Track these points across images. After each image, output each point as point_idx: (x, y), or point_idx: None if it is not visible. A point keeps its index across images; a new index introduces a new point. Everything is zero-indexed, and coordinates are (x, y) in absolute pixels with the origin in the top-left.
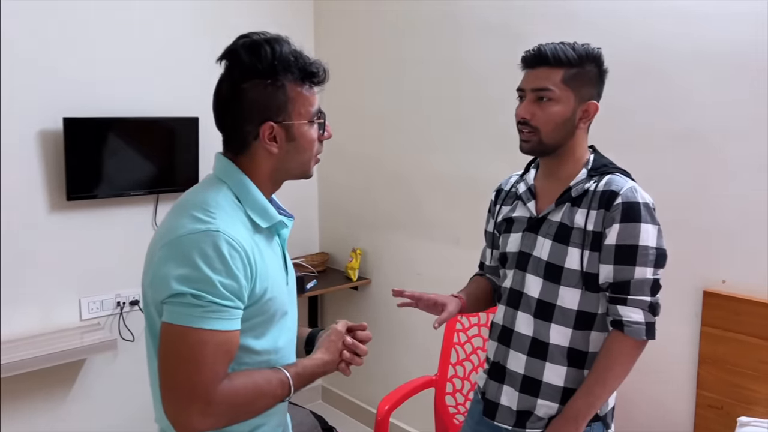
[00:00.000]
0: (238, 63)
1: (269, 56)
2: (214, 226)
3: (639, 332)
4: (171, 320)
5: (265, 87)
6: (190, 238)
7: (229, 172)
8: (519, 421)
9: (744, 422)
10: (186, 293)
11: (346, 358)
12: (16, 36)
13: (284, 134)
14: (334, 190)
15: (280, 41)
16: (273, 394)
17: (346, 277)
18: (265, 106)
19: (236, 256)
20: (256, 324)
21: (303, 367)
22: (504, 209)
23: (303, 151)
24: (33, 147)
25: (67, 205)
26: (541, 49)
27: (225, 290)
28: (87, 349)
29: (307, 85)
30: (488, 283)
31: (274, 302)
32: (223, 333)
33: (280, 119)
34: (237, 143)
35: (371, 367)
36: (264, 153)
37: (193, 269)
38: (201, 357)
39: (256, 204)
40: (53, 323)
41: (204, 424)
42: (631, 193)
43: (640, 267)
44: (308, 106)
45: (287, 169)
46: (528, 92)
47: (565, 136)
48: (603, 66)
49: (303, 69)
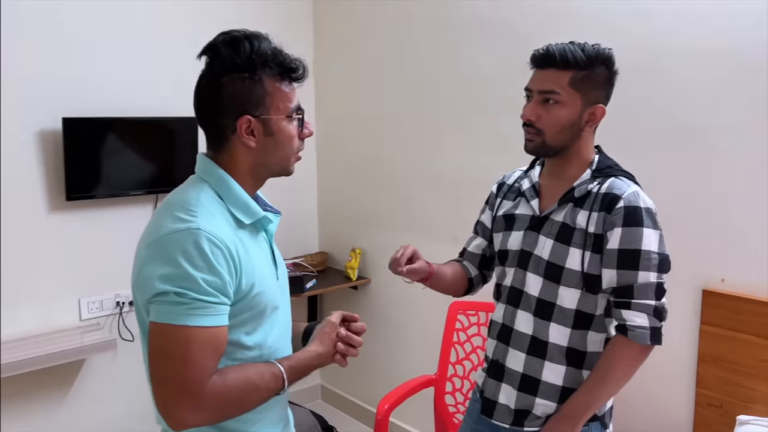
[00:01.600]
0: (217, 58)
1: (248, 51)
2: (194, 225)
3: (643, 337)
4: (157, 319)
5: (243, 81)
6: (172, 237)
7: (209, 170)
8: (517, 420)
9: (743, 421)
10: (169, 291)
11: (341, 349)
12: (15, 36)
13: (262, 128)
14: (333, 189)
15: (260, 37)
16: (266, 388)
17: (346, 277)
18: (242, 99)
19: (218, 253)
20: (247, 319)
21: (297, 360)
22: (505, 204)
23: (282, 146)
24: (32, 147)
25: (66, 205)
26: (549, 49)
27: (208, 287)
28: (86, 349)
29: (286, 80)
30: (462, 269)
31: (263, 297)
32: (210, 329)
33: (257, 113)
34: (216, 138)
35: (371, 367)
36: (243, 148)
37: (175, 268)
38: (188, 353)
39: (238, 200)
40: (53, 323)
41: (196, 419)
42: (633, 198)
43: (644, 271)
44: (286, 101)
45: (267, 164)
46: (535, 93)
47: (570, 138)
48: (614, 68)
49: (282, 64)
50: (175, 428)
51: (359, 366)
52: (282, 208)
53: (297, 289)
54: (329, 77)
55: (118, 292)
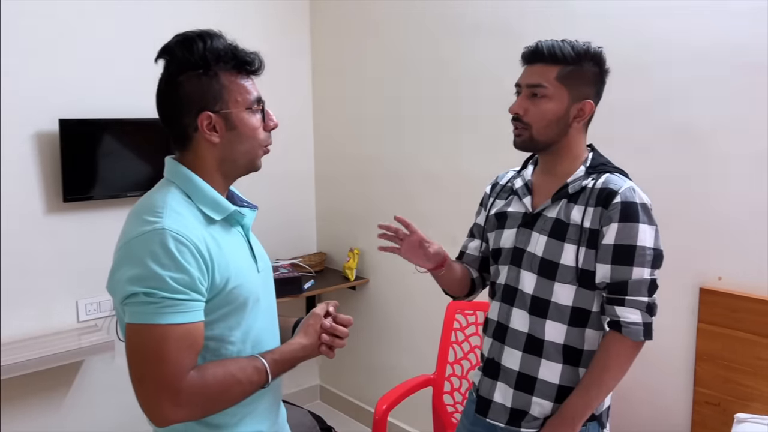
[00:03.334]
0: (172, 58)
1: (201, 48)
2: (159, 225)
3: (637, 333)
4: (131, 320)
5: (198, 78)
6: (139, 239)
7: (174, 171)
8: (513, 420)
9: (741, 419)
10: (138, 293)
11: (326, 340)
12: (11, 37)
13: (223, 123)
14: (331, 189)
15: (212, 35)
16: (249, 382)
17: (344, 277)
18: (200, 96)
19: (185, 250)
20: (227, 313)
21: (281, 353)
22: (498, 203)
23: (246, 139)
24: (29, 149)
25: (63, 206)
26: (538, 45)
27: (176, 284)
28: (84, 351)
29: (242, 74)
30: (467, 271)
31: (242, 290)
32: (182, 326)
33: (216, 108)
34: (180, 138)
35: (369, 367)
36: (206, 145)
37: (142, 269)
38: (163, 351)
39: (205, 198)
40: (50, 325)
41: (177, 414)
42: (630, 193)
43: (638, 267)
44: (245, 93)
45: (233, 159)
46: (523, 88)
47: (557, 133)
48: (604, 66)
49: (236, 57)
50: (158, 425)
51: (357, 366)
52: (280, 209)
53: (295, 290)
54: (327, 76)
55: None
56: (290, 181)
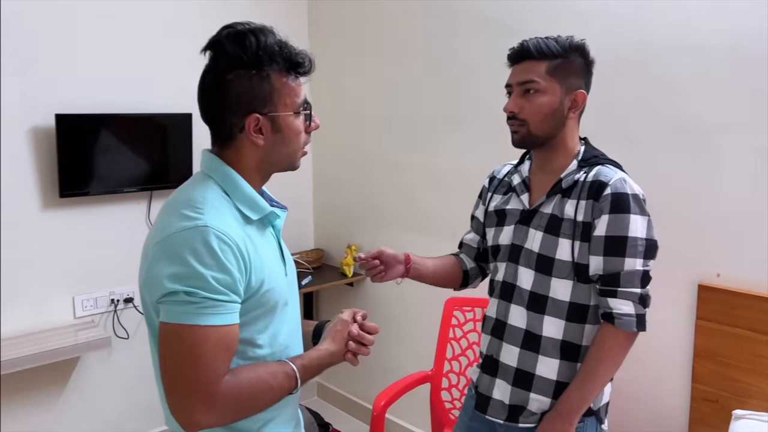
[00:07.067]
0: (222, 54)
1: (254, 46)
2: (202, 222)
3: (630, 324)
4: (167, 319)
5: (249, 78)
6: (180, 235)
7: (214, 166)
8: (511, 416)
9: (739, 415)
10: (179, 291)
11: (352, 348)
12: (8, 32)
13: (270, 126)
14: (329, 186)
15: (265, 31)
16: (279, 387)
17: (342, 274)
18: (250, 97)
19: (227, 250)
20: (257, 316)
21: (309, 359)
22: (496, 198)
23: (289, 142)
24: (25, 144)
25: (60, 202)
26: (524, 44)
27: (218, 285)
28: (81, 347)
29: (292, 75)
30: (455, 261)
31: (273, 293)
32: (221, 328)
33: (265, 111)
34: (223, 136)
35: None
36: (250, 145)
37: (184, 266)
38: (200, 354)
39: (244, 196)
40: (47, 321)
41: (210, 420)
42: (620, 184)
43: (630, 258)
44: (294, 96)
45: (274, 161)
46: (515, 86)
47: (554, 126)
48: (589, 57)
49: (288, 59)
50: (188, 430)
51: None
52: None
53: None
54: (324, 73)
55: (112, 289)
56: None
